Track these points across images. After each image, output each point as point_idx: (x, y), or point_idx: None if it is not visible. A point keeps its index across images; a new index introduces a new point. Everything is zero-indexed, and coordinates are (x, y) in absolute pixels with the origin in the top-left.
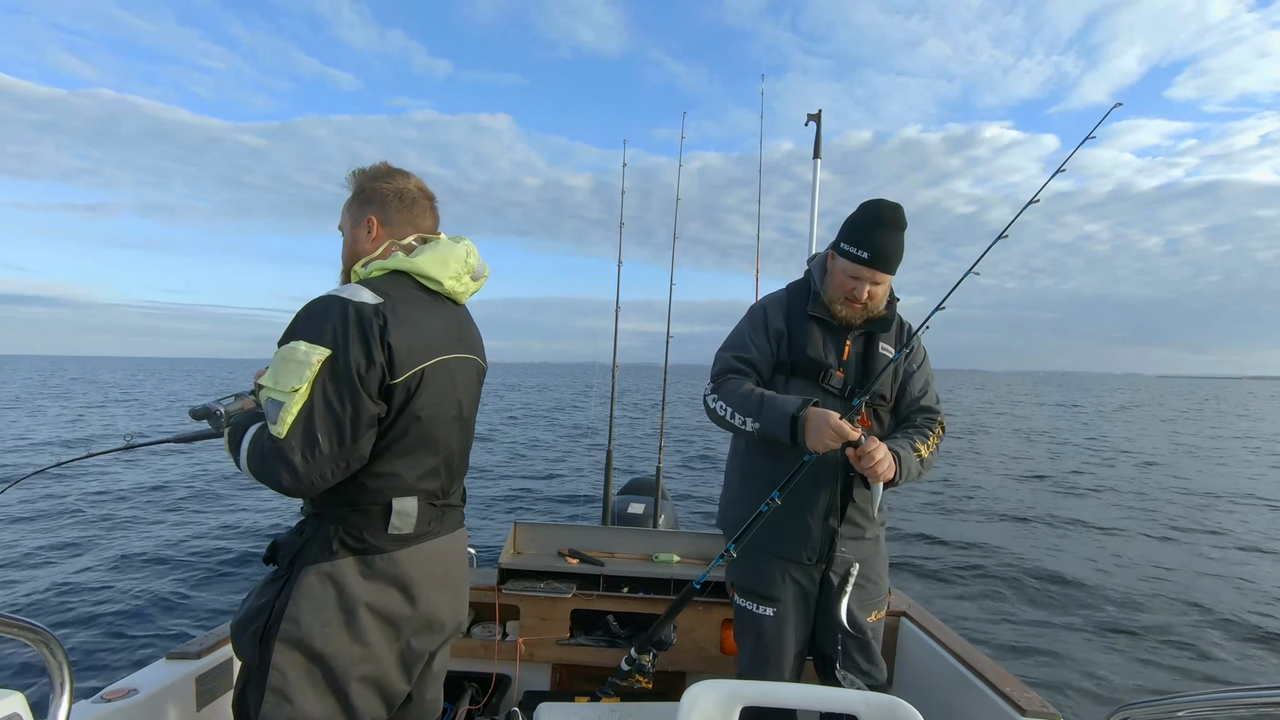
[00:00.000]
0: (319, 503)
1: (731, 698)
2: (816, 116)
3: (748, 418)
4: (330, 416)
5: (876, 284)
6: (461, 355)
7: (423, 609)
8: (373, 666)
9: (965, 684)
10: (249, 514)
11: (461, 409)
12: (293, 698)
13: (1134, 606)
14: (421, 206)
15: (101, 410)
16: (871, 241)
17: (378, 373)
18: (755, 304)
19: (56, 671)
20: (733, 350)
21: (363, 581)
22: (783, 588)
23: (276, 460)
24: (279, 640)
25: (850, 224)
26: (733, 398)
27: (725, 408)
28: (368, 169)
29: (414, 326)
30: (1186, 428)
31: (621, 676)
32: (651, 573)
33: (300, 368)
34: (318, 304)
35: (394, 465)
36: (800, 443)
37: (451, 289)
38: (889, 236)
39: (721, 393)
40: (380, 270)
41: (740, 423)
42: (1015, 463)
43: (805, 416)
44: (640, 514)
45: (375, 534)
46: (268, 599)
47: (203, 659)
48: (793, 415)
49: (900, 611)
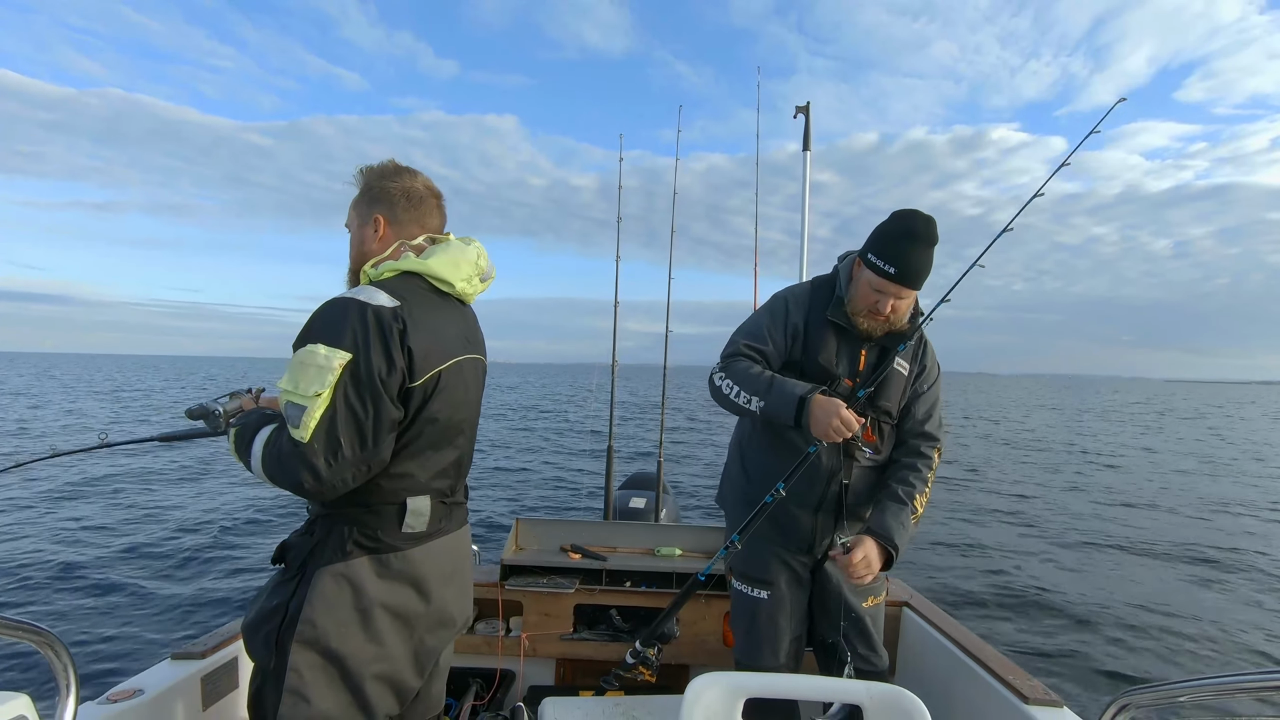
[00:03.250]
0: (332, 504)
1: (735, 690)
2: (805, 109)
3: (754, 396)
4: (353, 420)
5: (901, 298)
6: (471, 356)
7: (435, 605)
8: (388, 664)
9: (968, 673)
10: (253, 511)
11: (471, 409)
12: (310, 698)
13: (1137, 596)
14: (429, 205)
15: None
16: (900, 257)
17: (398, 377)
18: (777, 295)
19: (61, 673)
20: (748, 338)
21: (378, 581)
22: (777, 572)
23: (298, 463)
24: (296, 642)
25: (880, 235)
26: (741, 376)
27: (732, 385)
28: (375, 167)
29: (430, 330)
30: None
31: (626, 669)
32: (654, 566)
33: (322, 372)
34: (334, 306)
35: (409, 466)
36: (804, 426)
37: (462, 290)
38: (919, 252)
39: (729, 372)
40: (392, 271)
41: (745, 401)
42: (1035, 468)
43: (813, 401)
44: (642, 508)
45: (390, 533)
46: (280, 600)
47: (208, 658)
48: (800, 397)
49: (903, 601)
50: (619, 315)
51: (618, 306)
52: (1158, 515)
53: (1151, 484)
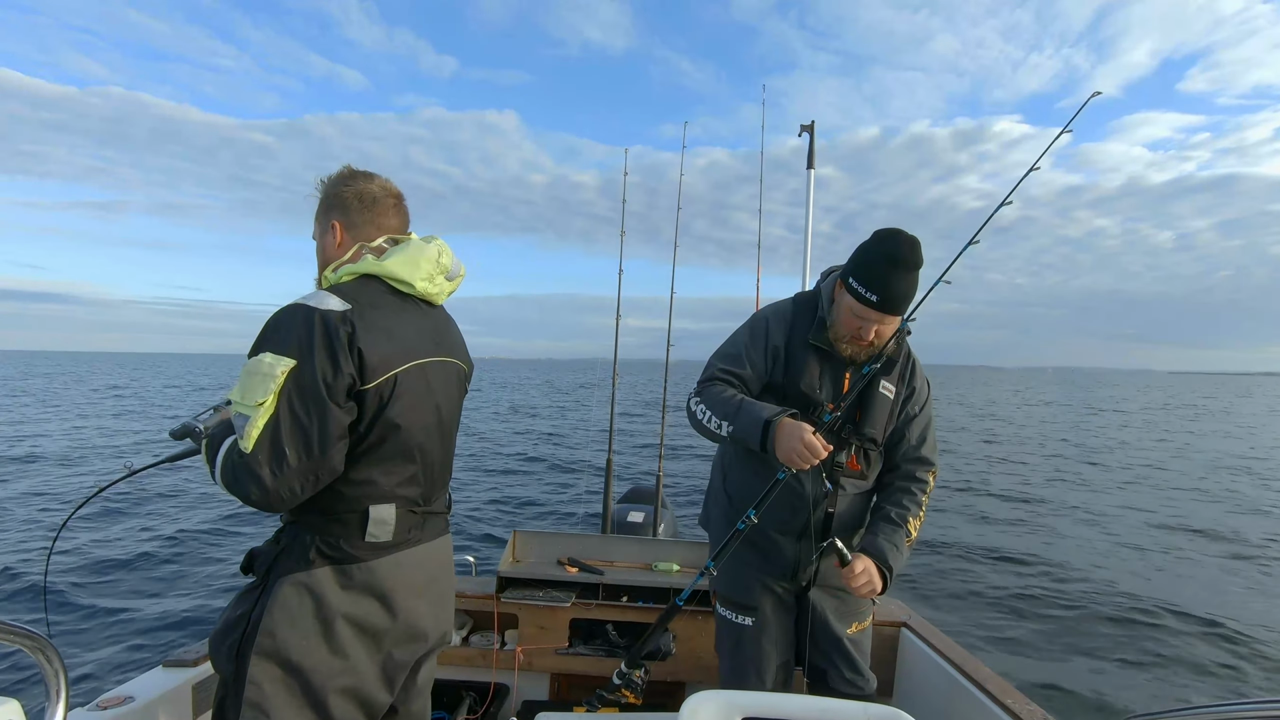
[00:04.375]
0: (296, 511)
1: (730, 708)
2: (809, 128)
3: (724, 421)
4: (297, 429)
5: (884, 324)
6: (439, 359)
7: (403, 619)
8: (352, 678)
9: (966, 695)
10: (247, 522)
11: (440, 414)
12: (270, 711)
13: (1141, 618)
14: (384, 205)
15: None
16: (882, 284)
17: (345, 381)
18: (758, 313)
19: (53, 679)
20: (725, 361)
21: (340, 592)
22: (761, 598)
23: (244, 474)
24: (255, 654)
25: (862, 259)
26: (713, 400)
27: (705, 411)
28: (332, 175)
29: (384, 331)
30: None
31: (610, 690)
32: (651, 581)
33: (265, 380)
34: (283, 314)
35: (370, 473)
36: (769, 451)
37: (424, 290)
38: (902, 278)
39: (703, 396)
40: (350, 275)
41: (715, 426)
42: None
43: (778, 425)
44: (640, 522)
45: (352, 543)
46: (244, 610)
47: (199, 666)
48: (765, 420)
49: (900, 622)
50: (620, 316)
51: (619, 318)
52: (1170, 533)
53: (1160, 493)
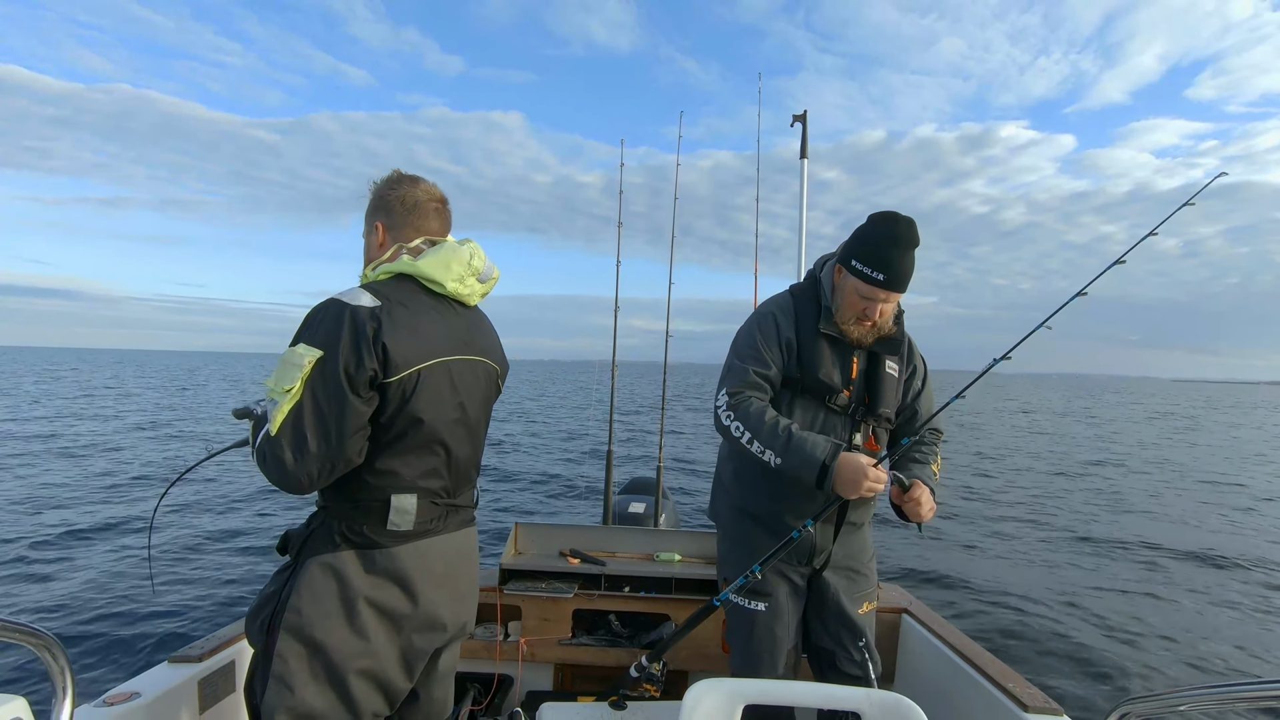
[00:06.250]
0: (325, 497)
1: (734, 696)
2: (802, 117)
3: (769, 450)
4: (317, 416)
5: (888, 302)
6: (467, 358)
7: (423, 607)
8: (372, 661)
9: (968, 680)
10: (255, 514)
11: (465, 411)
12: (294, 686)
13: (1138, 603)
14: (425, 210)
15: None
16: (888, 263)
17: (367, 374)
18: (763, 309)
19: (59, 676)
20: (753, 363)
21: (363, 574)
22: (775, 584)
23: (270, 456)
24: (282, 629)
25: (863, 241)
26: (755, 425)
27: (744, 433)
28: (383, 178)
29: (410, 329)
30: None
31: (631, 685)
32: (653, 572)
33: (294, 369)
34: (320, 307)
35: (393, 464)
36: (827, 490)
37: (455, 291)
38: (904, 255)
39: (739, 414)
40: (386, 274)
41: (759, 452)
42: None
43: (837, 465)
44: (641, 513)
45: (375, 529)
46: (276, 588)
47: (205, 662)
48: (824, 463)
49: (902, 608)
50: (620, 315)
51: (618, 310)
52: (1164, 521)
53: (1158, 486)
